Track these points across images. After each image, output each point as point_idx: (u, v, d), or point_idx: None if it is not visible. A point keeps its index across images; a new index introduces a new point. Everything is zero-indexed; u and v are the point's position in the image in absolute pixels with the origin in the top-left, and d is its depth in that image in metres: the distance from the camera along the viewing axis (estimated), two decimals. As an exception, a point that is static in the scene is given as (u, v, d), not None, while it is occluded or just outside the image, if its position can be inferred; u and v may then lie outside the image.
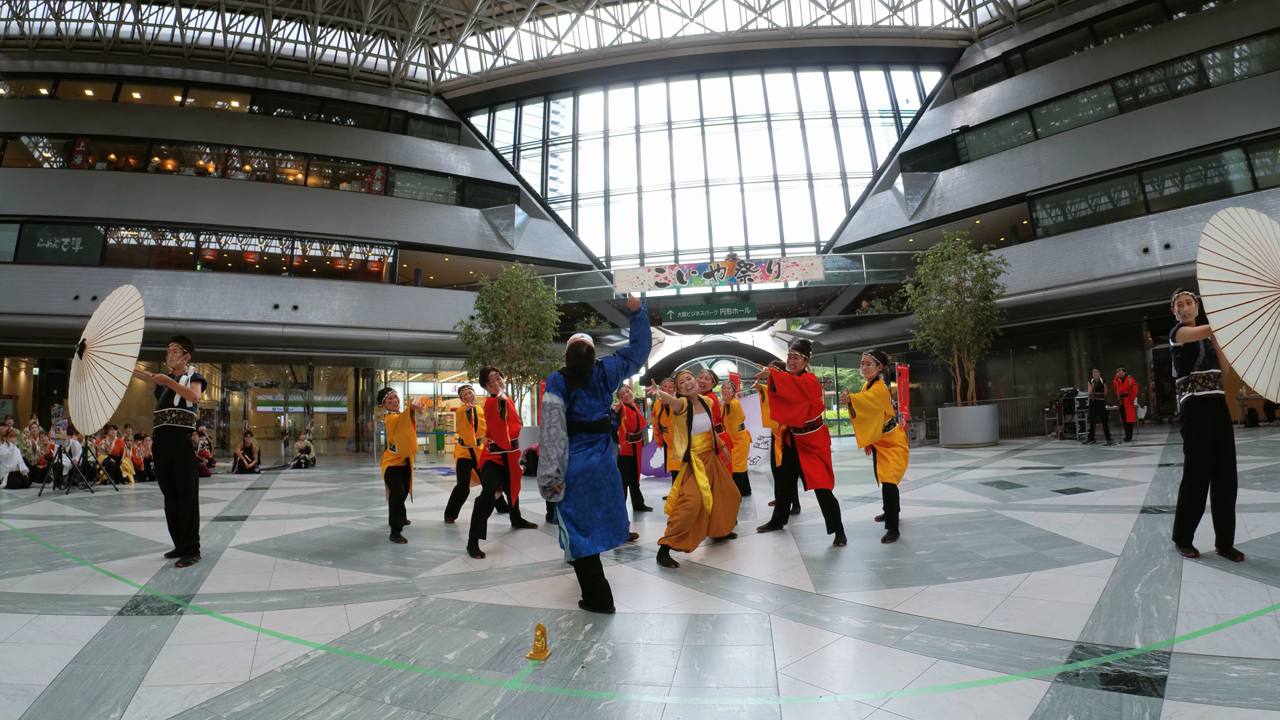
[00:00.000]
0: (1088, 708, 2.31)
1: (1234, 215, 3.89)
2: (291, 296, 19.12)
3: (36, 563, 5.15)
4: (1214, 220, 3.88)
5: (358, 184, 22.60)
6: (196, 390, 5.30)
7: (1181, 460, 4.27)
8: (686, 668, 2.87)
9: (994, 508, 6.37)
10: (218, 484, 11.93)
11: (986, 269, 15.29)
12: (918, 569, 4.31)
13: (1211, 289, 3.68)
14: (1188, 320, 4.15)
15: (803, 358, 5.66)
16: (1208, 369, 4.11)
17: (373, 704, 2.59)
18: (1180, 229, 15.55)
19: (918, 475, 9.45)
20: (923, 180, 21.13)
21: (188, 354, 5.38)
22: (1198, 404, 4.12)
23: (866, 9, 22.97)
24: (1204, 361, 4.11)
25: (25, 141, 20.27)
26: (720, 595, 3.94)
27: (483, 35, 24.45)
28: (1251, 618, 3.04)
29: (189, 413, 5.29)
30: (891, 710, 2.40)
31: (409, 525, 6.49)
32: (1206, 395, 4.10)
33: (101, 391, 4.78)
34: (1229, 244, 3.77)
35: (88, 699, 2.64)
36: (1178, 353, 4.20)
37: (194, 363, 5.51)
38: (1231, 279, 3.68)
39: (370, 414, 22.87)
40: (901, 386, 17.87)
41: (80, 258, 18.64)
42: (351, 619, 3.66)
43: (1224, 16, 17.00)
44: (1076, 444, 13.41)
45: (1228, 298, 3.64)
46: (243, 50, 22.68)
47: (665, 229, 24.95)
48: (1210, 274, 3.71)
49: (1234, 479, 4.03)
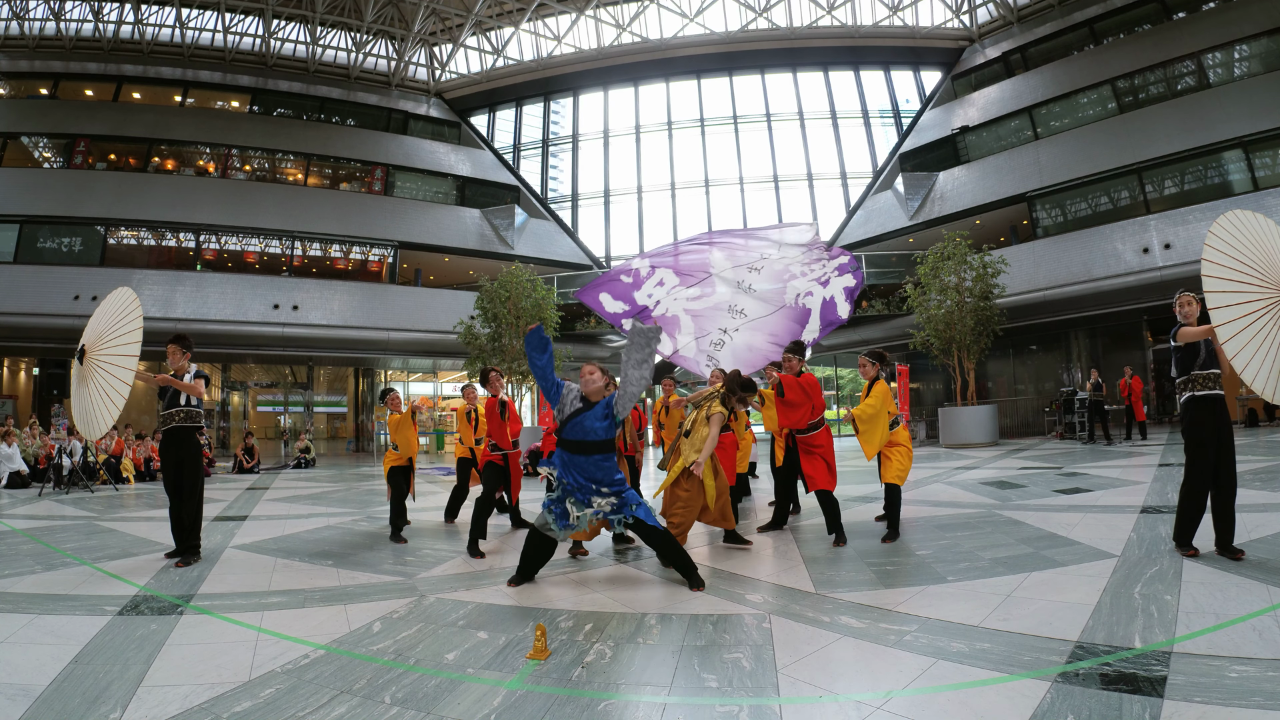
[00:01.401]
0: (1088, 708, 2.31)
1: (1238, 218, 3.90)
2: (291, 296, 19.12)
3: (36, 563, 5.15)
4: (1219, 222, 3.90)
5: (358, 184, 22.61)
6: (201, 387, 5.31)
7: (1181, 460, 4.27)
8: (686, 668, 2.87)
9: (994, 508, 6.37)
10: (218, 484, 11.92)
11: (986, 269, 15.29)
12: (918, 569, 4.31)
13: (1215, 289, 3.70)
14: (1189, 320, 4.16)
15: (797, 359, 5.68)
16: (1208, 369, 4.12)
17: (373, 704, 2.59)
18: (1180, 229, 15.55)
19: (918, 475, 9.45)
20: (923, 180, 21.13)
21: (187, 353, 5.38)
22: (1198, 404, 4.13)
23: (866, 9, 22.99)
24: (1204, 362, 4.12)
25: (25, 141, 20.28)
26: (720, 595, 3.94)
27: (483, 35, 24.46)
28: (1251, 618, 3.04)
29: (196, 410, 5.30)
30: (891, 710, 2.40)
31: (409, 525, 6.49)
32: (1206, 395, 4.11)
33: (105, 396, 4.77)
34: (1233, 246, 3.79)
35: (88, 699, 2.64)
36: (1178, 352, 4.21)
37: (194, 362, 5.51)
38: (1235, 280, 3.71)
39: (370, 414, 22.88)
40: (901, 386, 17.88)
41: (80, 258, 18.64)
42: (351, 619, 3.66)
43: (1224, 16, 17.00)
44: (1076, 444, 13.41)
45: (1230, 295, 3.66)
46: (243, 50, 22.69)
47: (665, 229, 25.00)
48: (1214, 274, 3.73)
49: (1234, 479, 4.04)
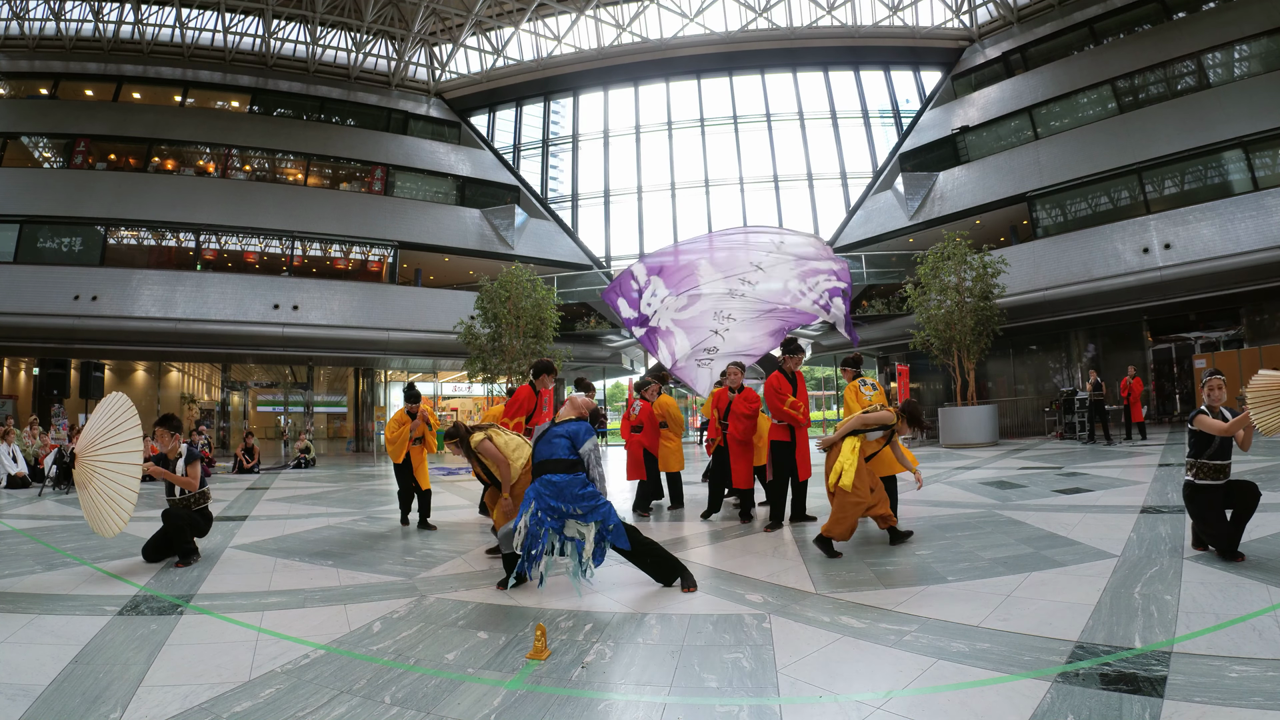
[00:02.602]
0: (1088, 708, 2.31)
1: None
2: (291, 296, 19.12)
3: (36, 563, 5.15)
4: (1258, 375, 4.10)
5: (358, 184, 22.60)
6: (195, 472, 5.25)
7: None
8: (686, 668, 2.87)
9: (994, 508, 6.37)
10: (218, 484, 11.92)
11: (986, 269, 15.29)
12: (918, 569, 4.31)
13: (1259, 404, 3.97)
14: (1215, 405, 4.17)
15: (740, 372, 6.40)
16: (1216, 460, 4.12)
17: (373, 704, 2.59)
18: (1180, 229, 15.55)
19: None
20: (923, 180, 21.12)
21: (176, 434, 5.29)
22: (1198, 490, 4.15)
23: (866, 9, 22.99)
24: (1215, 452, 4.12)
25: (25, 141, 20.27)
26: (720, 595, 3.95)
27: (483, 35, 24.45)
28: (1251, 618, 3.04)
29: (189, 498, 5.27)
30: (891, 710, 2.40)
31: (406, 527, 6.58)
32: (1207, 485, 4.13)
33: (112, 501, 4.81)
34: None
35: (88, 699, 2.64)
36: (1192, 435, 4.22)
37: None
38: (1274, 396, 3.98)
39: (370, 414, 22.93)
40: (901, 386, 17.89)
41: (80, 258, 18.63)
42: (351, 619, 3.66)
43: (1224, 16, 17.00)
44: (1076, 444, 13.41)
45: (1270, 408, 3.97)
46: (243, 50, 22.68)
47: (665, 229, 25.00)
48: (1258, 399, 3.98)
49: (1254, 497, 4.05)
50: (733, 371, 6.63)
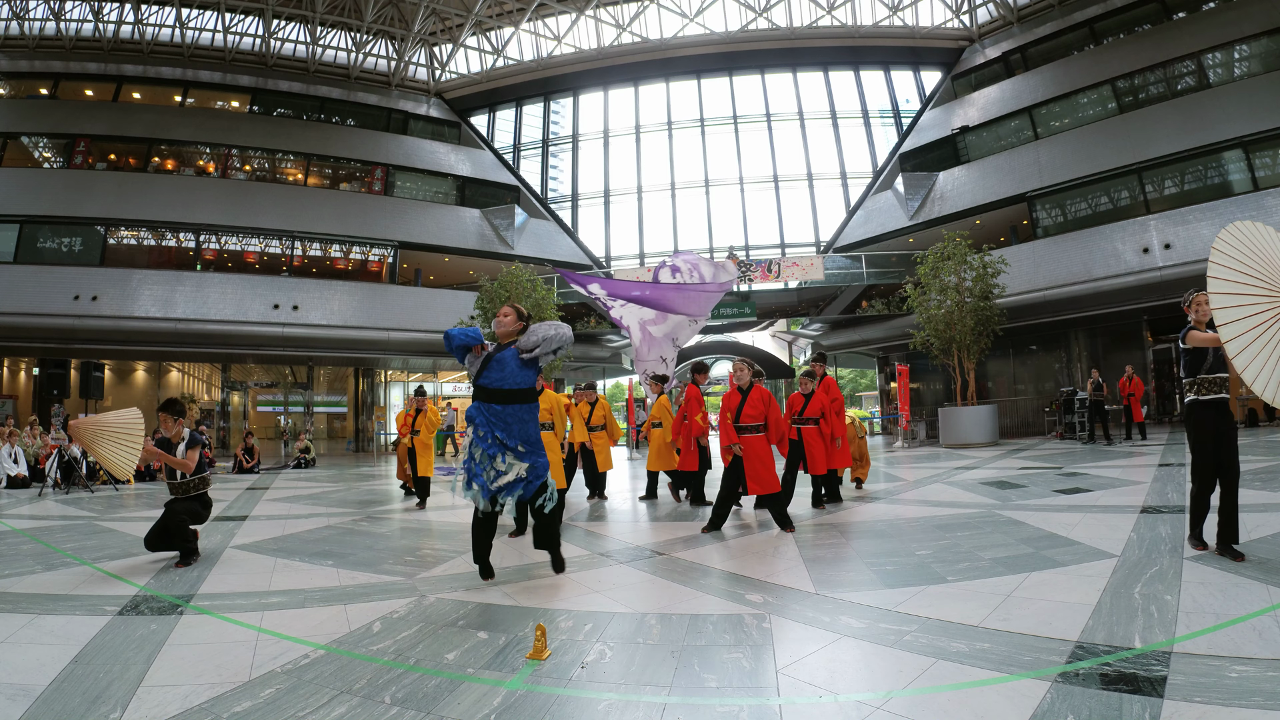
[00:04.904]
0: (1088, 708, 2.31)
1: (1243, 228, 3.91)
2: (291, 296, 19.12)
3: (36, 563, 5.15)
4: (1223, 233, 3.90)
5: (358, 184, 22.60)
6: (194, 456, 5.22)
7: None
8: (686, 668, 2.87)
9: (994, 508, 6.37)
10: (218, 484, 11.92)
11: (986, 269, 15.29)
12: (918, 569, 4.31)
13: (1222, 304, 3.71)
14: (1201, 322, 4.14)
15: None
16: (1215, 373, 4.10)
17: (373, 704, 2.59)
18: (1180, 229, 15.55)
19: (918, 475, 9.45)
20: (923, 180, 21.12)
21: (180, 419, 5.27)
22: (1202, 407, 4.13)
23: (866, 9, 22.99)
24: (1211, 366, 4.10)
25: (25, 141, 20.27)
26: (720, 595, 3.94)
27: (483, 35, 24.45)
28: (1251, 618, 3.04)
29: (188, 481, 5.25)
30: (891, 710, 2.40)
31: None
32: (1210, 399, 4.10)
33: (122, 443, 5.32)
34: (1238, 255, 3.79)
35: (88, 699, 2.64)
36: (1186, 355, 4.20)
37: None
38: (1240, 289, 3.71)
39: (370, 414, 22.91)
40: (901, 386, 17.89)
41: (80, 258, 18.63)
42: (351, 619, 3.66)
43: (1224, 16, 17.00)
44: (1076, 444, 13.41)
45: (1235, 301, 3.67)
46: (243, 50, 22.68)
47: (665, 229, 25.00)
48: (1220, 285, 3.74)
49: (1236, 477, 4.04)
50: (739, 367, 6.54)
